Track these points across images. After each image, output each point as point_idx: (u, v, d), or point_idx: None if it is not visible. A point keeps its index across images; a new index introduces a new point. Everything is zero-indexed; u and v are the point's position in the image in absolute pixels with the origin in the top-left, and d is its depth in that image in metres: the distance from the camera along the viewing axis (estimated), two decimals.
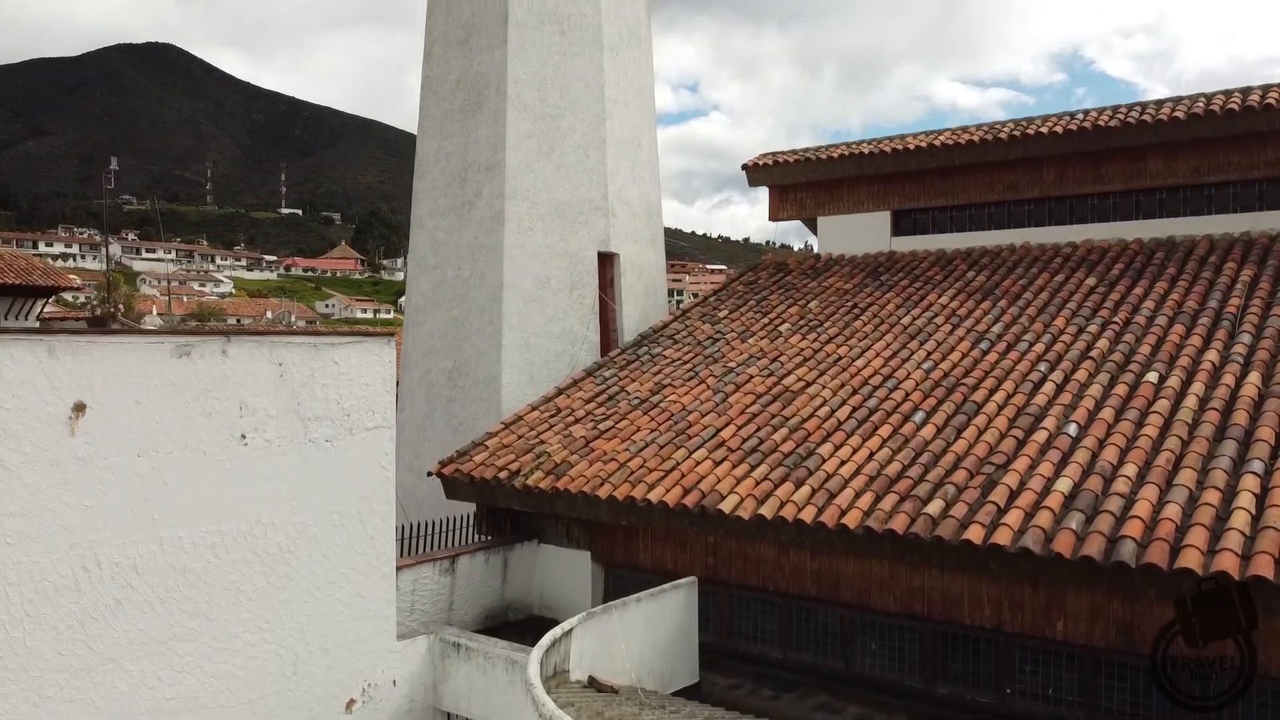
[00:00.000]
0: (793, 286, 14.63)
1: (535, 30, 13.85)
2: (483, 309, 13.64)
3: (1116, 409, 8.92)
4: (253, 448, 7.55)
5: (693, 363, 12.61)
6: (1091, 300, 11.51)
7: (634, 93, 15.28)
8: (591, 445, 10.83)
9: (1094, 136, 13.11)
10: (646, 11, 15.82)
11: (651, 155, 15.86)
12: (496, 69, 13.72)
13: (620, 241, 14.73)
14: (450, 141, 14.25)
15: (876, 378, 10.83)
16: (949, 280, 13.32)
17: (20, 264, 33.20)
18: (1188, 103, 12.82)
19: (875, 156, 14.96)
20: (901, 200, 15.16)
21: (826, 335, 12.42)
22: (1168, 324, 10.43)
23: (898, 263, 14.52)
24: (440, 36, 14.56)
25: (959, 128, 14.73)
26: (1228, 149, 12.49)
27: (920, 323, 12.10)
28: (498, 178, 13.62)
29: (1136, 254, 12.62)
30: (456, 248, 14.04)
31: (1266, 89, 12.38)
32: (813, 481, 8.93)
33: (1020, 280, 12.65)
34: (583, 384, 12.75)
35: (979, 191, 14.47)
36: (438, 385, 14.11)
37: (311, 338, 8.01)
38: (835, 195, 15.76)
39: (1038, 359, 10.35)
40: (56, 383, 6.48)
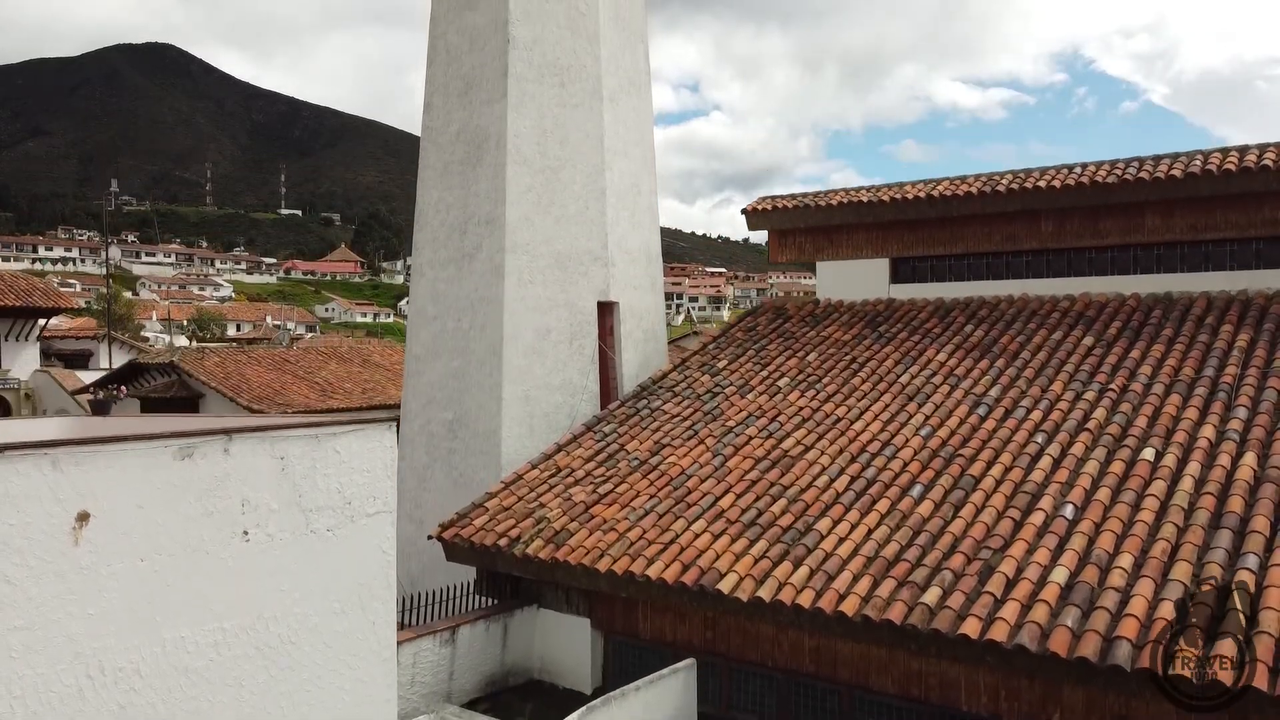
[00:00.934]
0: (791, 335, 14.68)
1: (535, 84, 13.90)
2: (483, 362, 13.69)
3: (1113, 488, 8.97)
4: (254, 543, 7.58)
5: (692, 419, 12.67)
6: (1089, 362, 11.57)
7: (633, 141, 15.33)
8: (591, 511, 10.89)
9: (1092, 192, 13.17)
10: (646, 59, 15.86)
11: (651, 201, 15.91)
12: (496, 123, 13.77)
13: (620, 290, 14.79)
14: (450, 193, 14.29)
15: (875, 444, 10.88)
16: (947, 334, 13.37)
17: (21, 285, 33.25)
18: (1185, 160, 12.88)
19: (874, 205, 15.01)
20: (900, 248, 15.21)
21: (825, 393, 12.47)
22: (1164, 392, 10.48)
23: (896, 311, 14.58)
24: (440, 87, 14.61)
25: (957, 178, 14.78)
26: (1225, 207, 12.55)
27: (918, 382, 12.15)
28: (498, 232, 13.67)
29: (1134, 310, 12.67)
30: (457, 299, 14.09)
31: (1264, 149, 12.43)
32: (811, 561, 8.98)
33: (1018, 337, 12.70)
34: (583, 440, 12.80)
35: (977, 241, 14.53)
36: (438, 436, 14.16)
37: (313, 429, 8.04)
38: (834, 241, 15.81)
39: (1035, 428, 10.41)
40: (60, 494, 6.52)
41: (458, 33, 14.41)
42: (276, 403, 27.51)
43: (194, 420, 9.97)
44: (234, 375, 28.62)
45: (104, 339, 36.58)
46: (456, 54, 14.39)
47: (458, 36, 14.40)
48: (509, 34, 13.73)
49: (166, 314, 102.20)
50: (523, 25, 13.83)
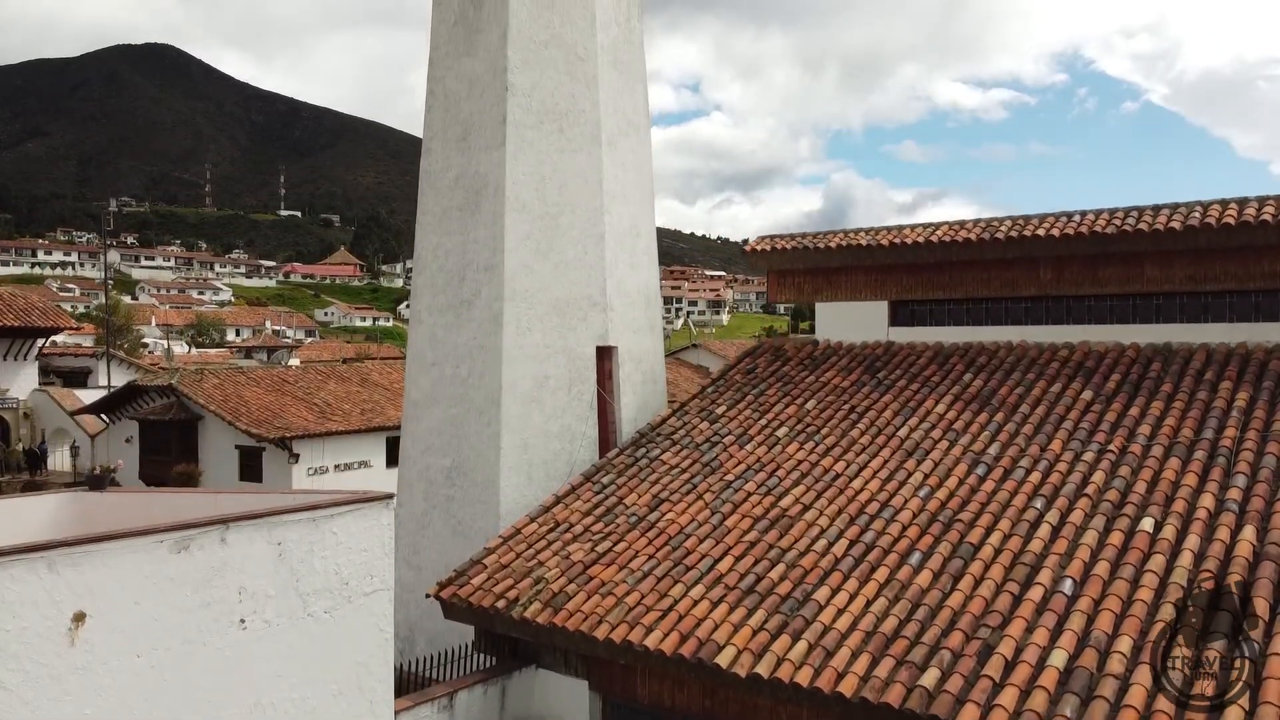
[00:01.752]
0: (790, 380, 14.67)
1: (534, 130, 13.88)
2: (481, 410, 13.68)
3: (1112, 561, 8.96)
4: (251, 631, 7.58)
5: (690, 471, 12.66)
6: (1088, 419, 11.55)
7: (632, 182, 15.31)
8: (589, 572, 10.88)
9: (1090, 241, 13.16)
10: (645, 99, 15.84)
11: (650, 241, 15.90)
12: (495, 170, 13.76)
13: (618, 333, 14.77)
14: (449, 239, 14.28)
15: (874, 504, 10.87)
16: (946, 382, 13.36)
17: (20, 304, 33.26)
18: (1184, 211, 12.86)
19: (873, 249, 15.00)
20: (899, 291, 15.20)
21: (824, 445, 12.46)
22: (1163, 455, 10.46)
23: (895, 356, 14.57)
24: (439, 132, 14.59)
25: (956, 223, 14.77)
26: (1224, 260, 12.54)
27: (917, 436, 12.14)
28: (496, 279, 13.66)
29: (1133, 361, 12.66)
30: (455, 346, 14.07)
31: (1263, 202, 12.42)
32: (809, 635, 8.97)
33: (1017, 388, 12.69)
34: (581, 492, 12.79)
35: (976, 287, 14.52)
36: (436, 483, 14.15)
37: (311, 511, 8.03)
38: (833, 282, 15.80)
39: (1034, 490, 10.40)
40: (57, 596, 6.51)
41: (456, 78, 14.39)
42: (275, 426, 27.52)
43: (193, 498, 9.96)
44: (233, 398, 28.62)
45: (103, 356, 36.54)
46: (455, 99, 14.37)
47: (456, 82, 14.38)
48: (508, 81, 13.71)
49: (165, 326, 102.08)
50: (521, 72, 13.82)
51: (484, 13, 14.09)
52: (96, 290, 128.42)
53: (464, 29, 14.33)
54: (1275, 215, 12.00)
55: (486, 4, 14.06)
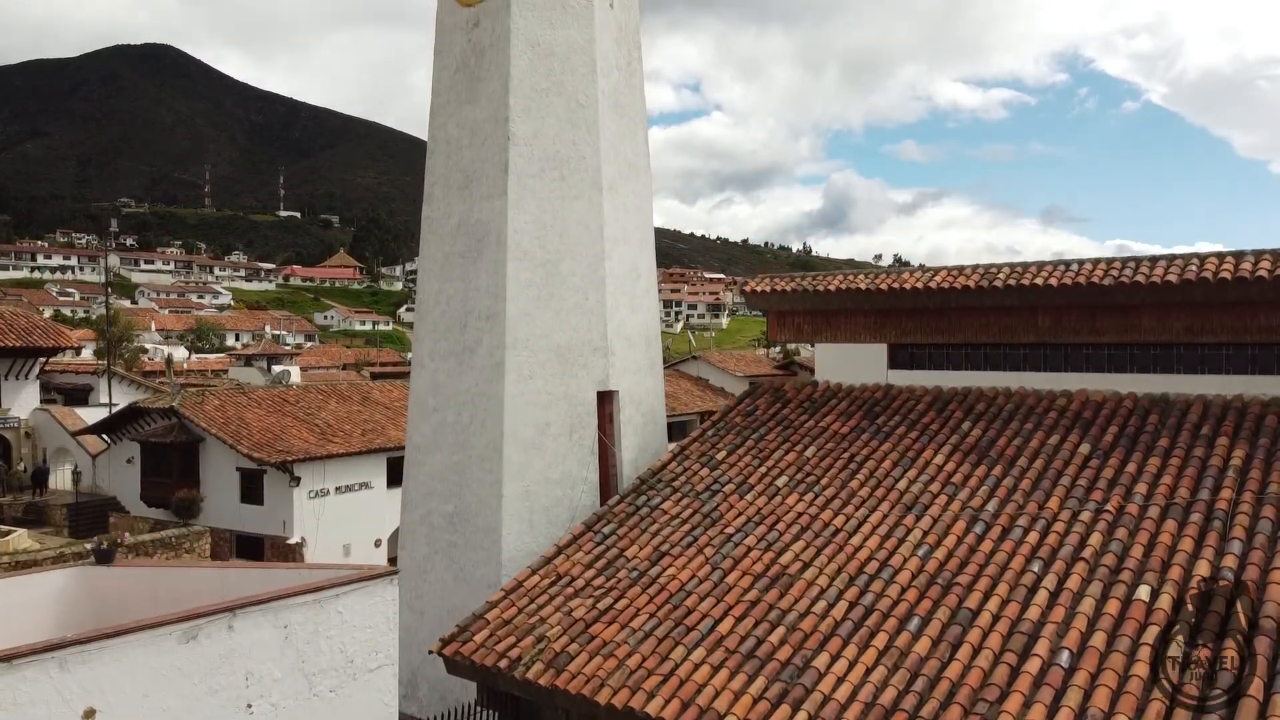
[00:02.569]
0: (790, 424, 14.76)
1: (535, 178, 13.97)
2: (483, 457, 13.77)
3: (1108, 632, 9.05)
4: (259, 715, 7.67)
5: (691, 522, 12.75)
6: (1085, 475, 11.65)
7: (633, 225, 15.40)
8: (590, 631, 10.97)
9: (1087, 292, 13.25)
10: (645, 142, 15.94)
11: (650, 282, 15.99)
12: (497, 219, 13.85)
13: (619, 377, 14.86)
14: (451, 285, 14.37)
15: (873, 563, 10.97)
16: (945, 431, 13.45)
17: (21, 323, 33.33)
18: (1180, 263, 12.95)
19: (871, 293, 15.09)
20: (898, 334, 15.29)
21: (824, 498, 12.55)
22: (1160, 517, 10.55)
23: (894, 400, 14.66)
24: (441, 179, 14.69)
25: (955, 268, 14.86)
26: (1220, 313, 12.63)
27: (916, 489, 12.24)
28: (498, 327, 13.76)
29: (1130, 413, 12.76)
30: (457, 393, 14.17)
31: (1259, 256, 12.51)
32: (809, 705, 9.06)
33: (1015, 439, 12.78)
34: (582, 542, 12.88)
35: (975, 332, 14.61)
36: (439, 528, 14.25)
37: (316, 593, 8.12)
38: (832, 324, 15.89)
39: (1031, 552, 10.49)
40: (67, 694, 6.61)
41: (458, 125, 14.48)
42: (276, 449, 27.61)
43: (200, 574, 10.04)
44: (234, 420, 28.70)
45: (104, 374, 36.62)
46: (457, 146, 14.46)
47: (458, 129, 14.47)
48: (509, 130, 13.81)
49: (165, 332, 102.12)
50: (523, 121, 13.91)
51: (485, 61, 14.18)
52: (96, 294, 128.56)
53: (465, 77, 14.42)
54: (1271, 271, 12.09)
55: (488, 53, 14.16)
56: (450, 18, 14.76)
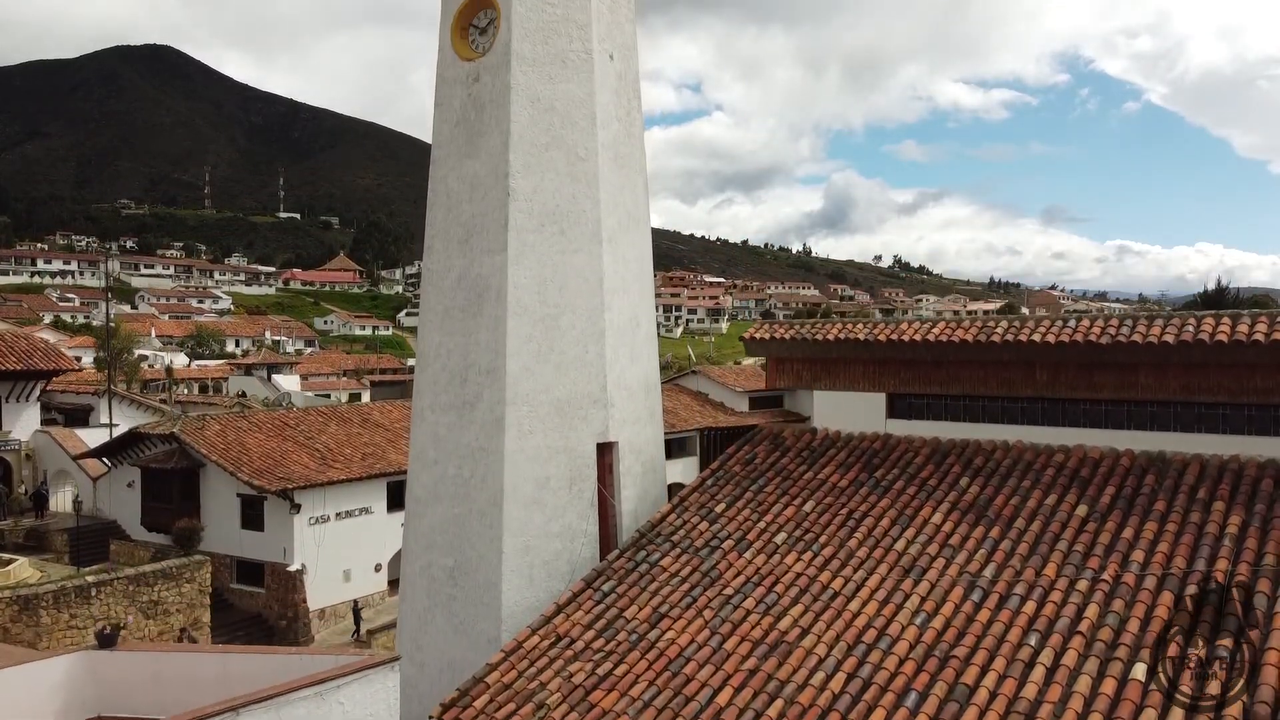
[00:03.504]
0: (788, 475, 14.82)
1: (535, 234, 14.03)
2: (483, 513, 13.84)
3: (1105, 715, 9.11)
4: None
5: (690, 581, 12.81)
6: (1082, 540, 11.70)
7: (633, 275, 15.46)
8: (590, 699, 11.03)
9: (1085, 350, 13.32)
10: (645, 191, 15.99)
11: (650, 330, 16.05)
12: (497, 275, 13.91)
13: (619, 428, 14.92)
14: (451, 338, 14.43)
15: (871, 631, 11.02)
16: (943, 487, 13.51)
17: (22, 346, 33.39)
18: (1177, 323, 13.02)
19: (869, 344, 15.16)
20: (896, 384, 15.36)
21: (822, 557, 12.62)
22: (1156, 588, 10.61)
23: (893, 451, 14.72)
24: (441, 231, 14.75)
25: (954, 320, 14.92)
26: (1217, 373, 12.69)
27: (914, 551, 12.29)
28: (498, 383, 13.81)
29: (1127, 472, 12.82)
30: (457, 446, 14.22)
31: (1255, 318, 12.58)
32: None
33: (1012, 498, 12.84)
34: (582, 600, 12.95)
35: (973, 384, 14.67)
36: (439, 581, 14.31)
37: (318, 686, 8.19)
38: (831, 371, 15.96)
39: (1028, 624, 10.54)
40: None
41: (458, 179, 14.54)
42: (277, 476, 27.67)
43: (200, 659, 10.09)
44: (234, 446, 28.76)
45: (104, 394, 36.69)
46: (457, 200, 14.52)
47: (458, 183, 14.53)
48: (509, 186, 13.87)
49: (165, 338, 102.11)
50: (523, 176, 13.97)
51: (485, 116, 14.24)
52: (96, 299, 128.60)
53: (465, 131, 14.48)
54: (1267, 335, 12.16)
55: (488, 108, 14.21)
56: (450, 71, 14.82)
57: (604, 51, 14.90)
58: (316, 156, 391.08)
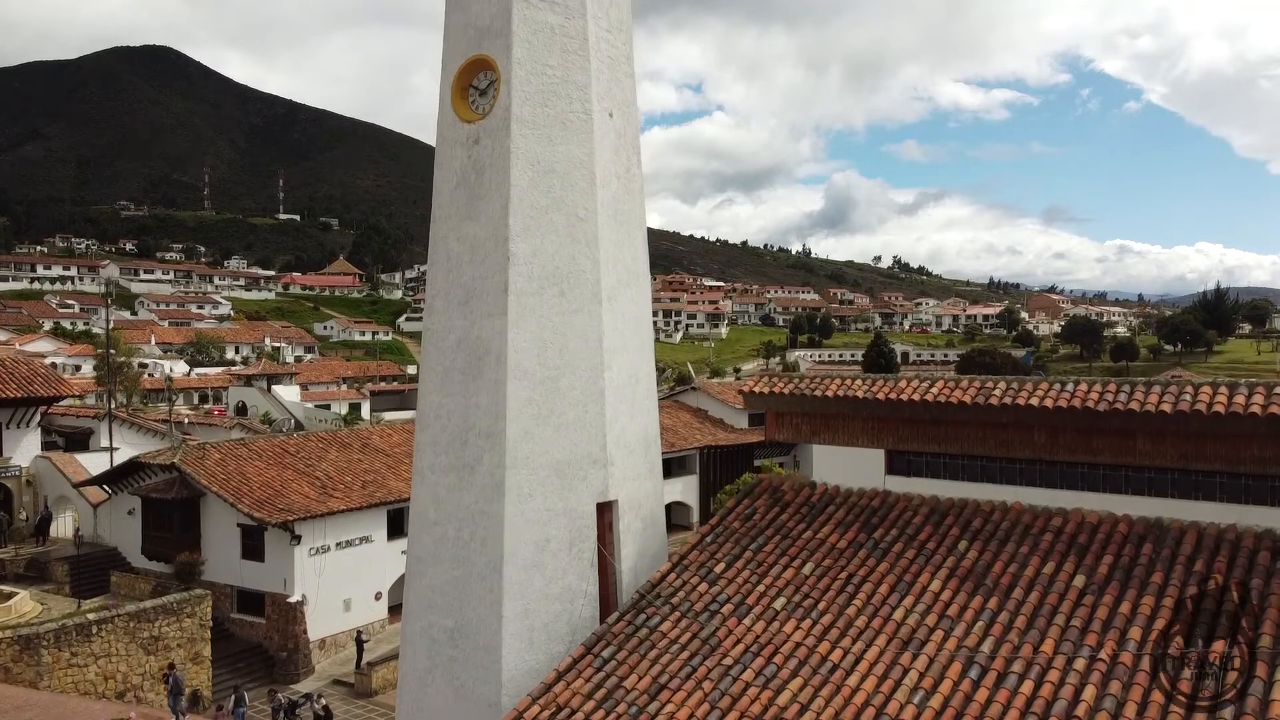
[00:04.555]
0: (788, 534, 14.87)
1: (535, 296, 14.08)
2: (483, 576, 13.89)
3: None
4: None
5: (690, 649, 12.85)
6: (1080, 614, 11.75)
7: (632, 332, 15.50)
8: None
9: (1082, 415, 13.37)
10: (644, 246, 16.05)
11: (650, 385, 16.10)
12: (497, 338, 13.96)
13: (618, 486, 14.97)
14: (451, 400, 14.48)
15: (870, 709, 11.07)
16: (941, 551, 13.56)
17: (22, 371, 33.42)
18: (1175, 391, 13.06)
19: (869, 401, 15.21)
20: (895, 441, 15.41)
21: (821, 625, 12.67)
22: (1153, 670, 10.66)
23: (891, 509, 14.78)
24: (441, 292, 14.80)
25: (952, 380, 14.97)
26: (1214, 442, 12.74)
27: (912, 622, 12.34)
28: (498, 447, 13.86)
29: (1125, 539, 12.87)
30: (457, 508, 14.28)
31: (1252, 389, 12.63)
32: None
33: (1010, 565, 12.90)
34: (581, 667, 12.99)
35: (972, 444, 14.72)
36: (439, 642, 14.36)
37: None
38: (830, 426, 16.01)
39: (1026, 705, 10.59)
40: None
41: (458, 240, 14.59)
42: (277, 506, 27.72)
43: None
44: (235, 475, 28.82)
45: (104, 417, 36.73)
46: (457, 261, 14.57)
47: (458, 244, 14.58)
48: (509, 251, 13.92)
49: (165, 345, 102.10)
50: (523, 240, 14.02)
51: (485, 179, 14.29)
52: (95, 304, 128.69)
53: (465, 193, 14.53)
54: (1264, 408, 12.21)
55: (488, 171, 14.26)
56: (451, 131, 14.87)
57: (603, 110, 14.95)
58: (316, 157, 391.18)
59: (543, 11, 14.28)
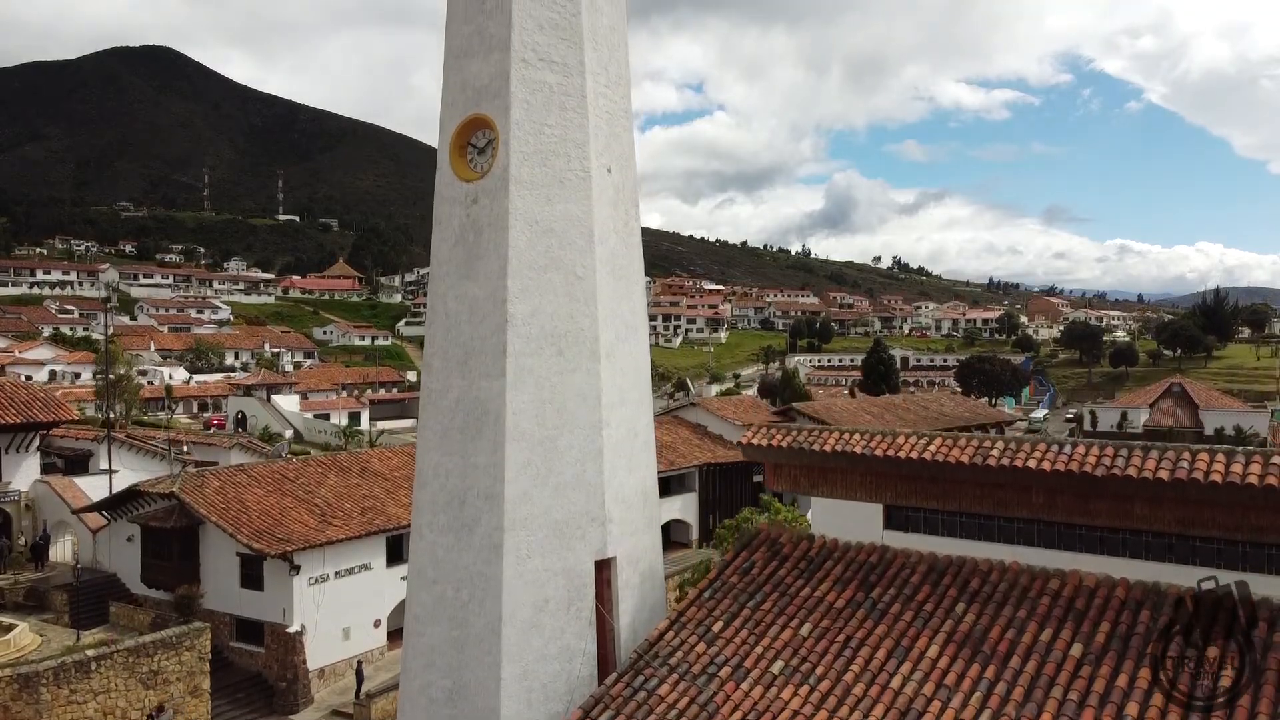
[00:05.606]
0: (786, 591, 14.88)
1: (533, 357, 14.09)
2: (481, 638, 13.91)
3: None
4: None
5: (688, 716, 12.86)
6: (1077, 686, 11.76)
7: (630, 385, 15.52)
8: None
9: (1079, 480, 13.38)
10: (642, 298, 16.06)
11: (648, 437, 16.11)
12: (495, 400, 13.97)
13: (616, 543, 14.98)
14: (449, 459, 14.49)
15: None
16: (939, 612, 13.57)
17: (22, 396, 33.43)
18: (1173, 457, 13.07)
19: (867, 458, 15.22)
20: (894, 496, 15.42)
21: (819, 693, 12.68)
22: None
23: (889, 566, 14.79)
24: (440, 350, 14.81)
25: (951, 438, 14.98)
26: (1212, 509, 12.75)
27: (910, 690, 12.34)
28: (496, 509, 13.88)
29: (1122, 605, 12.88)
30: (456, 568, 14.29)
31: (1249, 458, 12.64)
32: None
33: (1008, 631, 12.91)
34: None
35: (970, 501, 14.74)
36: (438, 702, 14.38)
37: None
38: (829, 479, 16.02)
39: None
40: None
41: (456, 299, 14.60)
42: (276, 537, 27.74)
43: None
44: (234, 504, 28.83)
45: (104, 440, 36.76)
46: (455, 321, 14.58)
47: (456, 303, 14.59)
48: (507, 312, 13.93)
49: (164, 352, 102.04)
50: (521, 301, 14.03)
51: (484, 239, 14.30)
52: (95, 309, 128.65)
53: (464, 251, 14.54)
54: (1261, 478, 12.22)
55: (486, 232, 14.27)
56: (449, 190, 14.88)
57: (602, 167, 14.96)
58: (316, 158, 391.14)
59: (541, 71, 14.29)
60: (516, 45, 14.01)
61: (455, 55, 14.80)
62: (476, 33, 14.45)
